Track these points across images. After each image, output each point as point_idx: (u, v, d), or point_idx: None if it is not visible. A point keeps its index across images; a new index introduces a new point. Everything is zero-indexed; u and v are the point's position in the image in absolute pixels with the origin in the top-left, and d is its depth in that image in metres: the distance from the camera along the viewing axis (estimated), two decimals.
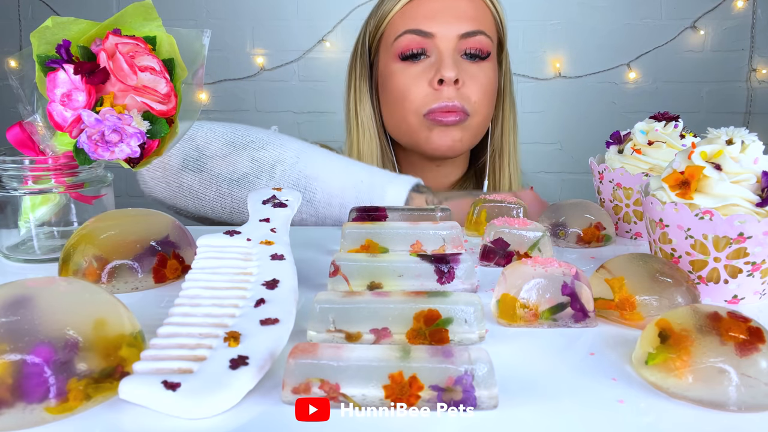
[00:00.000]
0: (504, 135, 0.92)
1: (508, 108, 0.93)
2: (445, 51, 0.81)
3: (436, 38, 0.81)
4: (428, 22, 0.82)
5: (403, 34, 0.83)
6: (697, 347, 0.31)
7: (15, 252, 0.55)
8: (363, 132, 0.89)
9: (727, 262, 0.44)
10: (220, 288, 0.38)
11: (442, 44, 0.82)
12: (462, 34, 0.82)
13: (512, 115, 0.93)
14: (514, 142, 0.93)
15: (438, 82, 0.80)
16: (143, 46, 0.54)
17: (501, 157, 0.92)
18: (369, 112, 0.89)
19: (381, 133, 0.90)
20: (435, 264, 0.44)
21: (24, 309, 0.30)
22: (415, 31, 0.82)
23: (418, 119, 0.83)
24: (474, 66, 0.83)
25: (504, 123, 0.92)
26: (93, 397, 0.30)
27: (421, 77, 0.82)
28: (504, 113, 0.93)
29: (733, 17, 2.07)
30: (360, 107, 0.90)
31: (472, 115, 0.83)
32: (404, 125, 0.85)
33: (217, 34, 2.15)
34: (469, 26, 0.82)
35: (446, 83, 0.80)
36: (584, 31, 2.10)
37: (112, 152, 0.51)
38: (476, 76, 0.83)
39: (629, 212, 0.62)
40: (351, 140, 0.90)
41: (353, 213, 0.59)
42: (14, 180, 0.54)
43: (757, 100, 2.11)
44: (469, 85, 0.82)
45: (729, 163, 0.44)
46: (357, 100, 0.90)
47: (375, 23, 0.88)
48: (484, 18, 0.84)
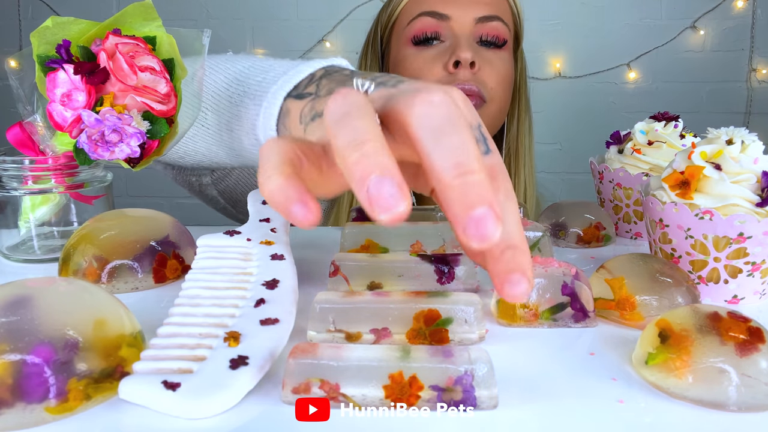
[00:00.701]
0: (519, 136, 0.89)
1: (524, 108, 0.90)
2: (461, 34, 0.78)
3: (452, 21, 0.78)
4: (443, 5, 0.79)
5: (418, 17, 0.80)
6: (697, 347, 0.31)
7: (15, 252, 0.55)
8: None
9: (727, 262, 0.44)
10: (220, 288, 0.38)
11: (457, 27, 0.79)
12: (479, 18, 0.79)
13: (527, 117, 0.90)
14: (529, 145, 0.90)
15: (453, 64, 0.77)
16: (143, 46, 0.54)
17: (516, 160, 0.89)
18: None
19: None
20: (435, 264, 0.44)
21: (24, 309, 0.30)
22: (430, 14, 0.79)
23: None
24: (490, 53, 0.80)
25: (520, 124, 0.89)
26: (93, 397, 0.30)
27: (436, 61, 0.79)
28: (520, 113, 0.89)
29: (733, 17, 2.07)
30: None
31: (489, 102, 0.79)
32: None
33: (217, 34, 2.14)
34: (486, 10, 0.79)
35: (462, 65, 0.76)
36: (584, 31, 2.10)
37: (112, 152, 0.51)
38: (493, 62, 0.79)
39: (629, 212, 0.62)
40: None
41: (353, 213, 0.59)
42: (14, 180, 0.54)
43: (757, 100, 2.10)
44: (485, 71, 0.78)
45: (729, 163, 0.44)
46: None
47: (388, 13, 0.85)
48: (501, 5, 0.81)
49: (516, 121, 0.89)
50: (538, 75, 2.12)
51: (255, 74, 0.57)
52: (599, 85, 2.12)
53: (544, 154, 2.17)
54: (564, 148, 2.17)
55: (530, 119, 0.91)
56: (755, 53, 2.08)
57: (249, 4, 2.12)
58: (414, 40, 0.80)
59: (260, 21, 2.13)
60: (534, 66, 2.12)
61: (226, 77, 0.58)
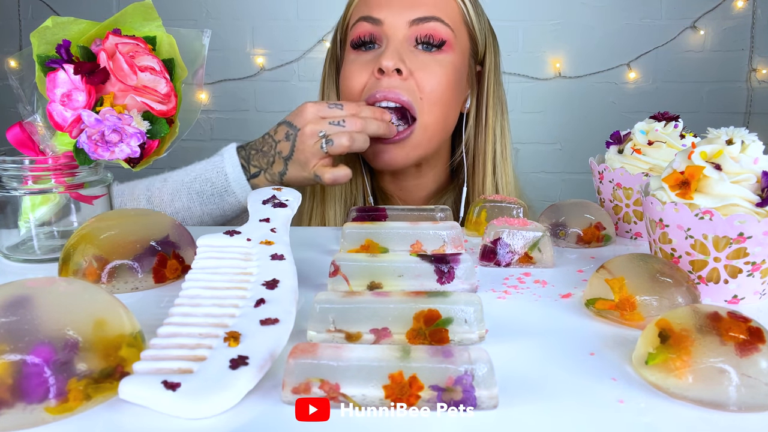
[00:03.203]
0: (487, 142, 0.84)
1: (493, 111, 0.84)
2: (392, 39, 0.75)
3: (385, 25, 0.76)
4: (378, 9, 0.77)
5: (357, 22, 0.78)
6: (697, 347, 0.31)
7: (15, 252, 0.55)
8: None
9: (727, 262, 0.44)
10: (220, 288, 0.38)
11: (390, 31, 0.76)
12: (412, 20, 0.75)
13: (500, 121, 0.84)
14: (504, 149, 0.84)
15: (378, 71, 0.74)
16: (143, 46, 0.54)
17: (483, 166, 0.84)
18: None
19: None
20: (435, 264, 0.44)
21: (24, 309, 0.30)
22: (366, 18, 0.77)
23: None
24: (427, 56, 0.76)
25: (488, 127, 0.84)
26: (93, 397, 0.30)
27: (366, 66, 0.76)
28: (488, 116, 0.83)
29: (733, 17, 2.07)
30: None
31: (421, 115, 0.75)
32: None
33: (217, 34, 2.14)
34: (420, 12, 0.75)
35: (386, 73, 0.73)
36: (584, 31, 2.10)
37: (112, 152, 0.51)
38: (428, 66, 0.75)
39: (629, 212, 0.62)
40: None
41: (353, 213, 0.59)
42: (14, 180, 0.54)
43: (757, 100, 2.11)
44: (419, 75, 0.74)
45: (729, 163, 0.44)
46: (325, 98, 0.85)
47: (343, 15, 0.84)
48: (443, 5, 0.78)
49: (483, 125, 0.84)
50: (538, 75, 2.13)
51: (201, 183, 0.74)
52: (599, 85, 2.12)
53: (544, 154, 2.17)
54: (564, 148, 2.17)
55: (504, 122, 0.85)
56: (755, 53, 2.08)
57: (249, 4, 2.12)
58: (353, 44, 0.79)
59: (260, 21, 2.13)
60: (534, 66, 2.12)
61: (188, 197, 0.74)
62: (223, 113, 2.17)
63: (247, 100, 2.18)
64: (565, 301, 0.45)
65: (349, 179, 0.70)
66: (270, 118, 2.16)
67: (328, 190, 0.82)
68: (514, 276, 0.51)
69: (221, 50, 2.10)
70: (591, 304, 0.42)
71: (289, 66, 2.15)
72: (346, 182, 0.73)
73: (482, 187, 0.84)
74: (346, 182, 0.73)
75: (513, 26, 2.09)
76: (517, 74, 2.11)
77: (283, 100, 2.16)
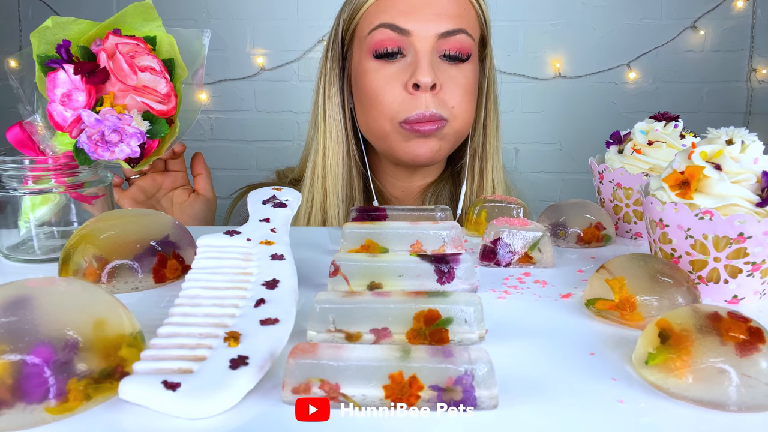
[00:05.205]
0: (487, 137, 0.86)
1: (492, 109, 0.86)
2: (422, 52, 0.74)
3: (413, 36, 0.75)
4: (405, 18, 0.75)
5: (378, 28, 0.76)
6: (697, 347, 0.31)
7: (15, 252, 0.55)
8: (330, 132, 0.82)
9: (727, 262, 0.44)
10: (220, 288, 0.38)
11: (418, 44, 0.75)
12: (441, 33, 0.75)
13: (495, 117, 0.86)
14: (497, 145, 0.86)
15: (413, 86, 0.74)
16: (143, 46, 0.54)
17: (484, 161, 0.86)
18: (338, 112, 0.83)
19: (350, 134, 0.83)
20: (435, 264, 0.44)
21: (24, 309, 0.30)
22: (390, 26, 0.75)
23: (393, 126, 0.76)
24: (453, 68, 0.77)
25: (487, 125, 0.86)
26: (93, 397, 0.30)
27: (396, 79, 0.76)
28: (487, 114, 0.85)
29: (733, 17, 2.07)
30: (329, 105, 0.83)
31: (451, 121, 0.77)
32: (377, 129, 0.79)
33: (217, 34, 2.14)
34: (449, 24, 0.75)
35: (422, 89, 0.74)
36: (584, 31, 2.10)
37: (112, 152, 0.51)
38: (455, 79, 0.77)
39: (629, 212, 0.62)
40: (318, 140, 0.83)
41: (353, 213, 0.59)
42: (14, 180, 0.54)
43: (757, 100, 2.10)
44: (447, 89, 0.76)
45: (729, 163, 0.44)
46: (326, 98, 0.84)
47: (349, 13, 0.81)
48: (466, 15, 0.77)
49: (483, 123, 0.86)
50: (538, 75, 2.12)
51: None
52: (599, 85, 2.12)
53: (544, 154, 2.17)
54: (564, 148, 2.17)
55: (498, 118, 0.88)
56: (755, 53, 2.08)
57: (249, 4, 2.12)
58: (375, 53, 0.77)
59: (260, 21, 2.13)
60: (534, 66, 2.12)
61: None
62: (223, 113, 2.17)
63: (247, 100, 2.17)
64: (565, 301, 0.45)
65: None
66: (270, 118, 2.17)
67: (328, 190, 0.83)
68: (514, 276, 0.51)
69: (221, 50, 2.10)
70: (591, 304, 0.42)
71: (289, 66, 2.14)
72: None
73: (484, 182, 0.86)
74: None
75: (513, 26, 2.09)
76: (516, 74, 2.11)
77: (283, 100, 2.16)
